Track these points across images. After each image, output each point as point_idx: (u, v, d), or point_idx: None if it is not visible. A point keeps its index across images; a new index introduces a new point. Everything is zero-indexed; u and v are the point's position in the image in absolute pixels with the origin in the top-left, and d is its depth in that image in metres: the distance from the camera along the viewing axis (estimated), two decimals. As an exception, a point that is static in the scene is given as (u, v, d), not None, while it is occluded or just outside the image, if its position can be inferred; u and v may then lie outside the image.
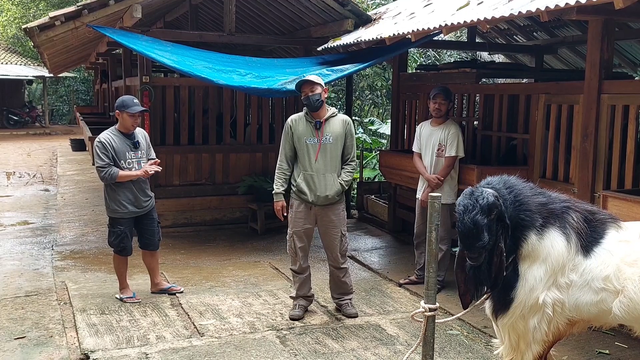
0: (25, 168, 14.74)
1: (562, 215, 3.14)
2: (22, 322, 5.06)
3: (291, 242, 5.24)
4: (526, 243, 3.08)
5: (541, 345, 3.19)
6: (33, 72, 25.42)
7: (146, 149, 5.61)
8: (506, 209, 3.06)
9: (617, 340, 4.73)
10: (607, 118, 5.08)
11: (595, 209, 3.35)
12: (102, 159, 5.30)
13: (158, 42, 7.19)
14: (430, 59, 16.33)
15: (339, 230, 5.22)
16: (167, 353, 4.49)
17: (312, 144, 5.10)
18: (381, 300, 5.77)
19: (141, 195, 5.50)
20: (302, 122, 5.17)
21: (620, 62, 9.57)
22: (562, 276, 3.10)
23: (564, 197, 3.30)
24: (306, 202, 5.14)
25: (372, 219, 9.15)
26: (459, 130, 5.93)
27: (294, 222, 5.22)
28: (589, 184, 5.21)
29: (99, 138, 5.41)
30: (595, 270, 3.08)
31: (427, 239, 2.88)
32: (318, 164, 5.09)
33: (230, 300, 5.67)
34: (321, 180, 5.09)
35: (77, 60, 15.56)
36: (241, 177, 8.60)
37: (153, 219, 5.66)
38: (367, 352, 4.57)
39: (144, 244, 5.70)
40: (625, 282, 3.00)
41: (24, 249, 7.46)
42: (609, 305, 3.05)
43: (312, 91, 5.04)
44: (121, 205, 5.41)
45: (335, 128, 5.15)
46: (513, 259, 3.12)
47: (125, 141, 5.45)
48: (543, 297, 3.08)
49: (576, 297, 3.11)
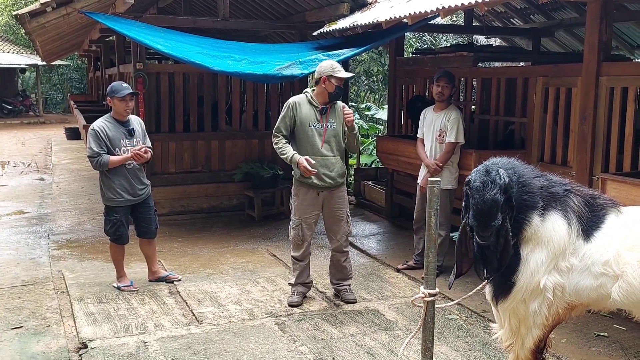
0: (20, 157, 14.65)
1: (564, 198, 3.11)
2: (19, 311, 5.04)
3: (298, 230, 5.20)
4: (529, 225, 3.05)
5: (541, 330, 3.18)
6: (26, 60, 25.23)
7: (142, 136, 5.56)
8: (512, 189, 3.04)
9: (616, 323, 4.73)
10: (605, 100, 5.04)
11: (597, 194, 3.33)
12: (93, 148, 5.26)
13: (151, 28, 7.10)
14: (427, 44, 16.25)
15: (344, 213, 5.22)
16: (165, 341, 4.47)
17: (317, 130, 5.07)
18: (379, 285, 5.76)
19: (136, 183, 5.46)
20: (305, 105, 5.11)
21: (617, 44, 9.52)
22: (563, 260, 3.08)
23: (565, 181, 3.27)
24: (314, 187, 5.11)
25: (369, 205, 9.13)
26: (459, 116, 5.87)
27: (302, 210, 5.18)
28: (587, 166, 5.19)
29: (93, 126, 5.35)
30: (596, 254, 3.06)
31: (426, 223, 2.85)
32: (323, 149, 5.08)
33: (228, 287, 5.65)
34: (327, 164, 5.07)
35: (70, 48, 15.42)
36: (237, 164, 8.55)
37: (150, 206, 5.62)
38: (366, 338, 4.57)
39: (141, 232, 5.66)
40: (624, 266, 2.99)
41: (20, 238, 7.42)
42: (608, 290, 3.04)
43: (339, 84, 5.03)
44: (116, 193, 5.37)
45: (337, 113, 5.14)
46: (515, 242, 3.09)
47: (120, 128, 5.39)
48: (544, 281, 3.06)
49: (576, 281, 3.10)
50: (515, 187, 3.05)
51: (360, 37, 7.25)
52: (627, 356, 4.27)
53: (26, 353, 4.29)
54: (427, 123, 6.02)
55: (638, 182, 4.19)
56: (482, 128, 6.89)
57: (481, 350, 4.35)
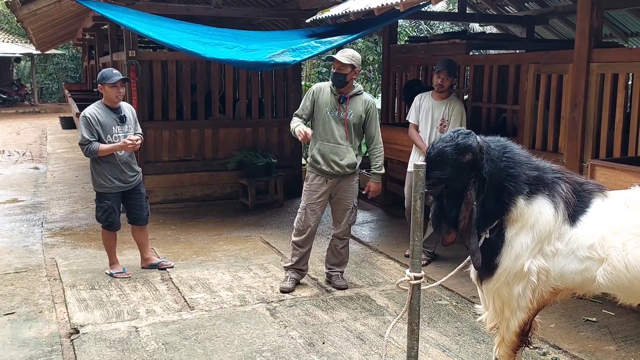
0: (15, 146, 14.63)
1: (552, 184, 3.11)
2: (12, 298, 5.06)
3: (302, 215, 5.21)
4: (515, 207, 3.05)
5: (526, 313, 3.19)
6: (21, 49, 25.13)
7: (133, 123, 5.56)
8: (491, 163, 3.03)
9: (604, 308, 4.77)
10: (596, 87, 5.06)
11: (584, 180, 3.32)
12: (84, 135, 5.26)
13: (144, 15, 7.07)
14: (423, 32, 16.21)
15: (352, 202, 5.23)
16: (157, 326, 4.50)
17: (333, 117, 5.07)
18: (371, 272, 5.79)
19: (127, 170, 5.46)
20: (326, 92, 5.12)
21: (611, 32, 9.52)
22: (548, 244, 3.09)
23: (556, 168, 3.28)
24: (322, 173, 5.12)
25: (362, 193, 9.13)
26: (463, 108, 5.82)
27: (308, 195, 5.20)
28: (578, 153, 5.21)
29: (84, 112, 5.35)
30: (581, 238, 3.07)
31: (412, 207, 2.87)
32: (336, 137, 5.07)
33: (220, 274, 5.67)
34: (338, 152, 5.06)
35: (64, 36, 15.36)
36: (231, 152, 8.54)
37: (141, 193, 5.63)
38: (356, 323, 4.60)
39: (133, 219, 5.68)
40: (609, 250, 2.99)
41: (14, 226, 7.43)
42: (593, 274, 3.04)
43: (339, 70, 4.99)
44: (107, 179, 5.38)
45: (357, 106, 5.11)
46: (499, 223, 3.10)
47: (112, 115, 5.39)
48: (528, 265, 3.07)
49: (561, 265, 3.10)
50: (499, 164, 3.05)
51: (353, 24, 7.24)
52: (615, 341, 4.31)
53: (18, 338, 4.31)
54: (424, 109, 5.92)
55: (626, 168, 4.21)
56: (474, 115, 6.90)
57: (470, 335, 4.39)
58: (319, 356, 4.06)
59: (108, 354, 4.07)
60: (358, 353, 4.12)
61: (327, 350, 4.14)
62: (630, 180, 4.02)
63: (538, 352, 4.14)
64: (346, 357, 4.05)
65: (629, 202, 3.10)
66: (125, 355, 4.04)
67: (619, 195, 3.20)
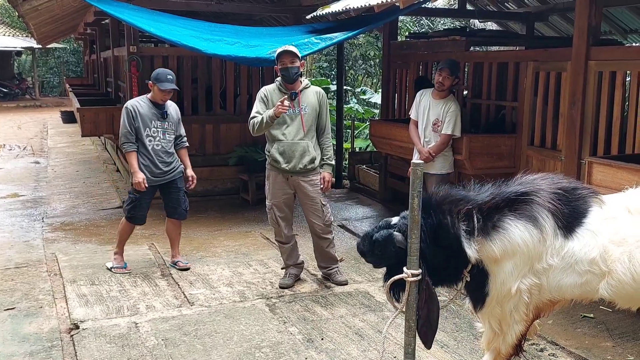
0: (16, 140, 14.66)
1: (527, 202, 2.97)
2: (12, 293, 5.09)
3: (272, 214, 5.24)
4: (472, 251, 2.96)
5: (523, 325, 3.14)
6: (22, 43, 25.12)
7: (175, 122, 5.59)
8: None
9: (602, 305, 4.78)
10: (594, 84, 5.07)
11: (574, 185, 3.15)
12: (123, 126, 5.36)
13: (145, 11, 7.08)
14: (424, 28, 16.21)
15: (318, 201, 5.18)
16: (157, 322, 4.53)
17: (288, 115, 5.02)
18: (370, 267, 5.76)
19: (161, 165, 5.46)
20: (275, 93, 5.10)
21: (610, 29, 9.51)
22: (539, 262, 2.99)
23: (530, 180, 3.12)
24: (282, 171, 5.11)
25: (363, 188, 9.18)
26: (458, 109, 5.81)
27: (272, 193, 5.21)
28: (576, 150, 5.23)
29: (126, 104, 5.47)
30: (579, 253, 2.94)
31: (409, 205, 2.89)
32: (293, 134, 5.05)
33: (220, 270, 5.70)
34: (296, 149, 5.04)
35: (65, 31, 15.36)
36: (232, 147, 8.57)
37: (178, 188, 5.63)
38: (355, 319, 4.63)
39: (169, 212, 5.71)
40: (613, 264, 2.87)
41: (14, 221, 7.46)
42: (594, 287, 2.95)
43: (292, 63, 4.96)
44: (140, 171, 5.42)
45: (310, 99, 5.11)
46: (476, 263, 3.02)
47: (153, 109, 5.43)
48: (517, 286, 2.99)
49: (558, 279, 3.00)
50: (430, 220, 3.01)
51: (353, 20, 7.24)
52: (612, 337, 4.34)
53: (18, 334, 4.34)
54: (422, 106, 5.96)
55: (624, 166, 4.22)
56: (474, 112, 6.92)
57: (468, 332, 4.42)
58: (318, 352, 4.09)
59: (108, 349, 4.10)
60: (357, 349, 4.15)
61: (325, 347, 4.17)
62: (627, 177, 4.05)
63: (535, 348, 4.17)
64: (345, 353, 4.08)
65: (631, 207, 2.98)
66: (125, 351, 4.08)
67: (618, 201, 3.07)
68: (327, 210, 5.27)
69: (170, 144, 5.53)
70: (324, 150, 5.21)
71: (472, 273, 3.08)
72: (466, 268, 3.06)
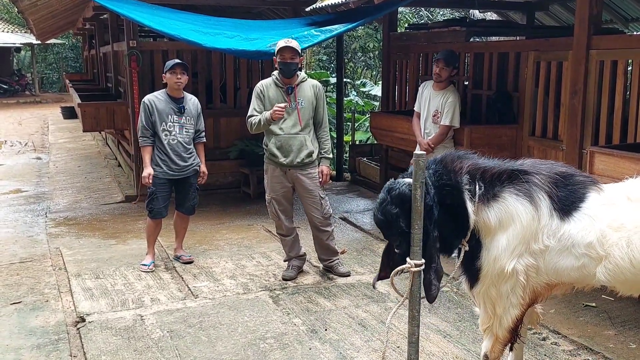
0: (17, 137, 14.68)
1: (522, 181, 3.02)
2: (18, 287, 5.12)
3: (271, 207, 5.26)
4: (470, 215, 3.02)
5: (518, 309, 3.15)
6: (21, 39, 25.09)
7: (195, 117, 5.58)
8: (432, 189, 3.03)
9: (604, 294, 4.81)
10: (595, 74, 5.07)
11: (571, 172, 3.17)
12: (140, 121, 5.42)
13: (143, 5, 7.07)
14: (423, 19, 16.17)
15: (316, 194, 5.20)
16: (161, 314, 4.56)
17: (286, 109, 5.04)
18: (372, 259, 5.84)
19: (178, 160, 5.47)
20: (272, 88, 5.11)
21: (611, 17, 9.50)
22: (535, 242, 3.01)
23: (530, 162, 3.19)
24: (280, 165, 5.13)
25: (364, 181, 9.19)
26: (457, 99, 5.81)
27: (271, 187, 5.23)
28: (578, 140, 5.23)
29: (144, 99, 5.50)
30: (576, 236, 2.96)
31: (412, 196, 2.90)
32: (290, 128, 5.07)
33: (223, 262, 5.73)
34: (293, 143, 5.06)
35: (65, 26, 15.33)
36: (232, 141, 8.57)
37: (190, 184, 5.65)
38: (358, 310, 4.66)
39: (177, 205, 5.76)
40: (610, 248, 2.89)
41: (18, 216, 7.49)
42: (591, 271, 2.97)
43: (292, 59, 4.98)
44: (156, 164, 5.45)
45: (306, 92, 5.12)
46: (473, 231, 3.07)
47: (170, 104, 5.44)
48: (513, 265, 3.01)
49: (555, 261, 3.03)
50: (442, 190, 3.04)
51: (352, 12, 7.23)
52: (614, 325, 4.36)
53: (25, 327, 4.38)
54: (424, 97, 5.98)
55: (625, 155, 4.23)
56: (474, 103, 6.92)
57: (470, 321, 4.45)
58: (322, 343, 4.12)
59: (114, 341, 4.13)
60: (360, 339, 4.18)
61: (329, 337, 4.20)
62: (629, 166, 4.06)
63: (538, 337, 4.19)
64: (348, 344, 4.11)
65: (631, 195, 3.00)
66: (131, 343, 4.11)
67: (618, 188, 3.09)
68: (326, 203, 5.29)
69: (189, 139, 5.52)
70: (321, 144, 5.23)
71: (471, 245, 3.12)
72: (465, 237, 3.11)
